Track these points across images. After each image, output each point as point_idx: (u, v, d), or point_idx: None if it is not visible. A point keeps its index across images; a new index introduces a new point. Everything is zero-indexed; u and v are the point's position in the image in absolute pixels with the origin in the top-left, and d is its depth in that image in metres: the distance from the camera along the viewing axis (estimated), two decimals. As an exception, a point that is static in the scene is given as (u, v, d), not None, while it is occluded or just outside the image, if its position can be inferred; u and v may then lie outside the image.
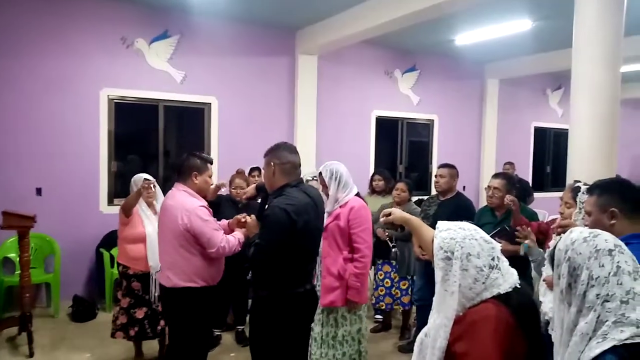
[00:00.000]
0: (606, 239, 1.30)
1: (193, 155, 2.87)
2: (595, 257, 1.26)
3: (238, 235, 2.86)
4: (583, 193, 2.36)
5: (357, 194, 3.09)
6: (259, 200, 3.02)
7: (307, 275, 2.57)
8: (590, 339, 1.24)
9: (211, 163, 2.94)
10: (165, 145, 5.93)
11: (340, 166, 3.06)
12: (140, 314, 3.60)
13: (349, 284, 2.91)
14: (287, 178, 2.48)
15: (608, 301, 1.24)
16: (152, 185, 3.67)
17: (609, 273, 1.25)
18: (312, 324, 3.03)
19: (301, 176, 2.63)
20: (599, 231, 1.34)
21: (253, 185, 3.36)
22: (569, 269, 1.30)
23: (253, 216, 2.70)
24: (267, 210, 2.42)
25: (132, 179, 3.74)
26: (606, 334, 1.22)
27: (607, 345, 1.21)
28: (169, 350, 2.94)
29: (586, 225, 1.86)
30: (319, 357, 2.96)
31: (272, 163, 2.49)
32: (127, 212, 3.60)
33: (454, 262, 1.41)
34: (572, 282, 1.29)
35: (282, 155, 2.50)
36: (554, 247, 1.38)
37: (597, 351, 1.21)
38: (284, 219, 2.32)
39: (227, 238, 2.76)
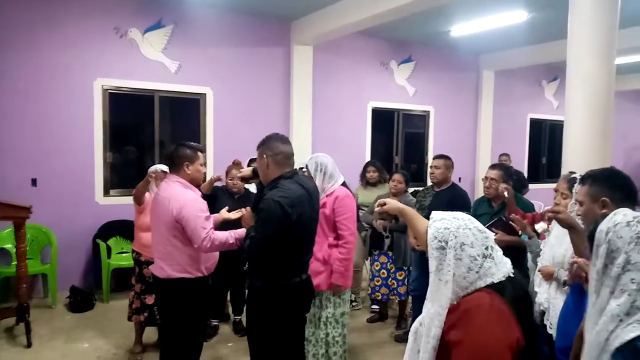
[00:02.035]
0: None
1: (182, 145, 2.86)
2: (635, 242, 1.28)
3: (235, 233, 2.73)
4: (578, 184, 2.38)
5: (344, 184, 3.21)
6: (255, 191, 3.01)
7: (303, 265, 2.58)
8: (621, 321, 1.26)
9: (202, 151, 2.93)
10: (161, 136, 5.91)
11: (325, 158, 3.16)
12: (150, 300, 3.65)
13: (334, 269, 3.06)
14: (280, 169, 2.49)
15: None
16: (153, 175, 3.66)
17: None
18: None
19: (296, 167, 2.63)
20: None
21: (250, 168, 3.32)
22: (607, 250, 1.32)
23: (249, 208, 2.68)
24: (262, 204, 2.42)
25: (149, 170, 3.77)
26: None
27: None
28: (163, 342, 2.93)
29: (578, 215, 1.88)
30: (309, 336, 3.12)
31: (264, 155, 2.49)
32: (137, 200, 3.68)
33: (448, 251, 1.42)
34: (608, 264, 1.31)
35: (274, 146, 2.50)
36: (595, 226, 1.40)
37: (632, 335, 1.24)
38: (278, 212, 2.33)
39: (211, 237, 2.65)
